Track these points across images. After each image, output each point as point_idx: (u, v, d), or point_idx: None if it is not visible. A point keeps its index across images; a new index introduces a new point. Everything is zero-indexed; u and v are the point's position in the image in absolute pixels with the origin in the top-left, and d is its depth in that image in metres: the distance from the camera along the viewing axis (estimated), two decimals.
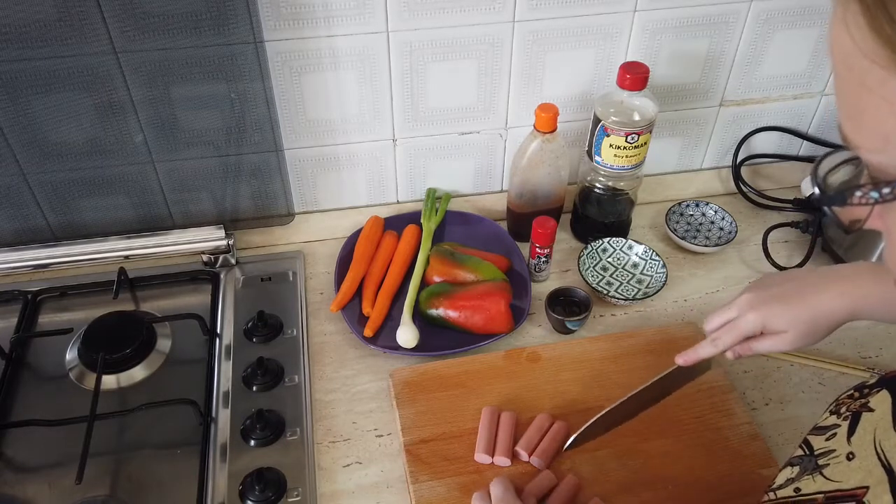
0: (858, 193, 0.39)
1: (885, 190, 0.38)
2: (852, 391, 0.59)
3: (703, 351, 0.73)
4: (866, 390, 0.57)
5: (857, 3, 0.35)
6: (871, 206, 0.40)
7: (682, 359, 0.74)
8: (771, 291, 0.71)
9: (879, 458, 0.51)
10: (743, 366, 0.91)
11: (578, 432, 0.75)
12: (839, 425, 0.56)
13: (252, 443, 0.81)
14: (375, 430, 0.84)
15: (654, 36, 0.99)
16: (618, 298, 0.98)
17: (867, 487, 0.50)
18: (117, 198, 1.00)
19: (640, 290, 1.00)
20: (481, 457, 0.78)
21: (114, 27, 0.84)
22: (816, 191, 0.42)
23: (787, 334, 0.69)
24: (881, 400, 0.54)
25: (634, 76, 0.92)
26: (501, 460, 0.78)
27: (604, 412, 0.74)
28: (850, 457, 0.53)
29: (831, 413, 0.59)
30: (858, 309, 0.67)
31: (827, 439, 0.57)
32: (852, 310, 0.67)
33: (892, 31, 0.33)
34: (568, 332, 0.95)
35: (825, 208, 0.42)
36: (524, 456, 0.79)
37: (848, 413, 0.56)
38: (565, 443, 0.77)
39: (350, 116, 0.99)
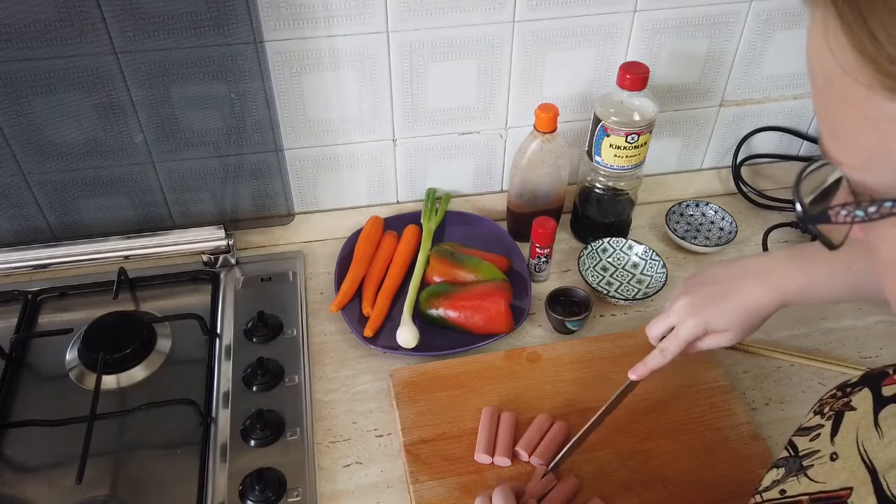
0: (843, 212, 0.38)
1: (871, 209, 0.37)
2: (835, 390, 0.58)
3: (652, 363, 0.76)
4: (849, 389, 0.56)
5: (838, 19, 0.34)
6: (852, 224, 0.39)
7: (636, 374, 0.77)
8: (705, 292, 0.74)
9: (862, 458, 0.50)
10: (743, 366, 0.91)
11: (558, 457, 0.77)
12: (823, 425, 0.56)
13: (252, 443, 0.81)
14: (375, 430, 0.84)
15: (654, 36, 0.99)
16: (618, 298, 0.98)
17: (851, 489, 0.50)
18: (117, 198, 1.00)
19: (640, 290, 1.00)
20: (481, 457, 0.78)
21: (114, 27, 0.84)
22: (799, 208, 0.41)
23: (729, 332, 0.74)
24: (863, 398, 0.54)
25: (634, 76, 0.92)
26: (501, 460, 0.78)
27: (578, 434, 0.77)
28: (833, 457, 0.53)
29: (815, 413, 0.59)
30: (786, 299, 0.71)
31: (811, 440, 0.56)
32: (782, 301, 0.71)
33: (874, 48, 0.32)
34: (568, 332, 0.95)
35: (809, 226, 0.42)
36: (524, 456, 0.79)
37: (831, 413, 0.56)
38: (565, 443, 0.78)
39: (350, 116, 0.99)
